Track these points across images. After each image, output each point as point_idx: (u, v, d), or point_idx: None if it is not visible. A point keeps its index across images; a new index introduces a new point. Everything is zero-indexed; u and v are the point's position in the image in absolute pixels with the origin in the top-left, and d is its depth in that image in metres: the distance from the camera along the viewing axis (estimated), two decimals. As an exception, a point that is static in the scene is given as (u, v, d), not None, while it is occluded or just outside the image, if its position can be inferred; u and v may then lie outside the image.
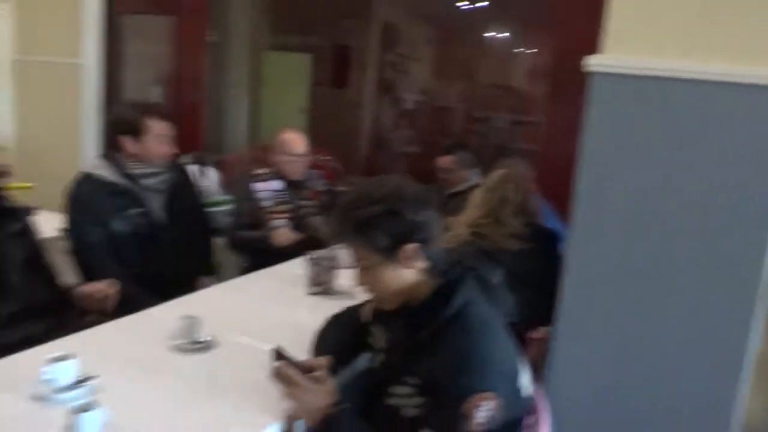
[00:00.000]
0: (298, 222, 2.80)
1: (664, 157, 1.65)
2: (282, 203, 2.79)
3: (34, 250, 1.86)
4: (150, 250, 2.29)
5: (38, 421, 1.19)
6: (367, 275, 1.25)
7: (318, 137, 3.04)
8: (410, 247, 1.20)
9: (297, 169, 2.84)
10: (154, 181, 2.31)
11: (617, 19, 1.65)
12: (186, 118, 3.90)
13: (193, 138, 3.76)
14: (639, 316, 1.73)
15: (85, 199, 2.20)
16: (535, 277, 2.03)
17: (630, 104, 1.65)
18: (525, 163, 2.74)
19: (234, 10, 5.36)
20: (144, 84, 4.51)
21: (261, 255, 2.69)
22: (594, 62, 1.65)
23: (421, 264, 1.23)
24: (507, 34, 6.84)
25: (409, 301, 1.26)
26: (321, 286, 2.15)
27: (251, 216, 2.77)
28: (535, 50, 6.75)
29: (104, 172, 2.24)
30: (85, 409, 1.10)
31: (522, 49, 6.93)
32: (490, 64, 7.05)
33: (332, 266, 2.15)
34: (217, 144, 5.14)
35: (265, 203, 2.77)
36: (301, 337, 1.53)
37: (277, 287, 2.24)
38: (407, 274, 1.23)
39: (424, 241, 1.21)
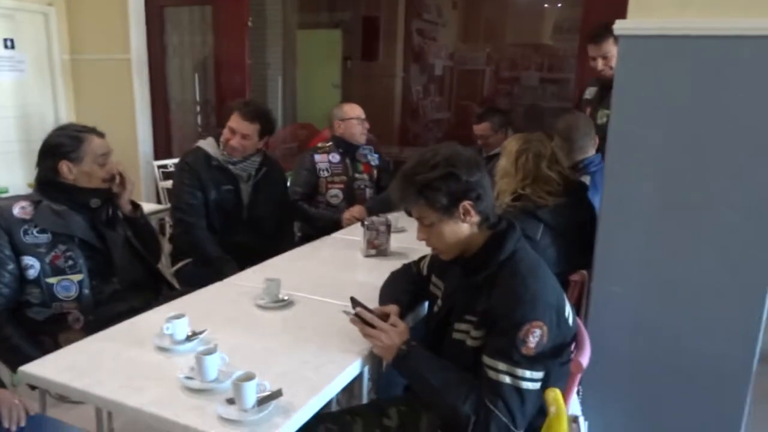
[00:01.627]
0: (351, 193, 3.03)
1: (692, 111, 1.76)
2: (337, 174, 3.04)
3: (126, 234, 2.11)
4: (231, 224, 2.60)
5: (166, 366, 1.44)
6: (429, 231, 1.45)
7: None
8: (466, 204, 1.39)
9: (360, 132, 3.07)
10: (238, 167, 2.60)
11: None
12: (233, 102, 4.10)
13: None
14: (670, 255, 1.87)
15: (191, 166, 2.55)
16: (571, 230, 2.17)
17: (655, 64, 1.76)
18: (585, 116, 2.83)
19: (267, -7, 5.54)
20: (188, 73, 4.74)
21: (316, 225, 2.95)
22: (619, 26, 1.77)
23: (475, 218, 1.42)
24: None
25: (465, 251, 1.47)
26: (376, 249, 2.37)
27: (308, 186, 3.01)
28: (560, 5, 6.69)
29: (209, 148, 2.58)
30: (208, 352, 1.35)
31: (546, 5, 6.86)
32: (516, 22, 6.99)
33: (386, 230, 2.36)
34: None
35: (322, 174, 3.02)
36: (363, 293, 1.71)
37: (337, 252, 2.48)
38: (464, 228, 1.43)
39: (477, 199, 1.40)
